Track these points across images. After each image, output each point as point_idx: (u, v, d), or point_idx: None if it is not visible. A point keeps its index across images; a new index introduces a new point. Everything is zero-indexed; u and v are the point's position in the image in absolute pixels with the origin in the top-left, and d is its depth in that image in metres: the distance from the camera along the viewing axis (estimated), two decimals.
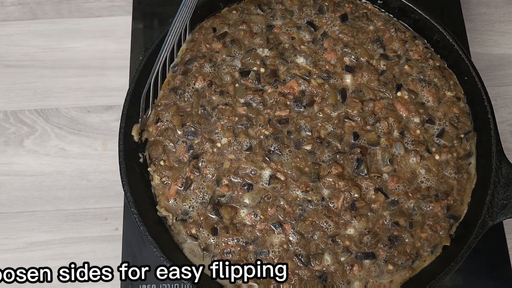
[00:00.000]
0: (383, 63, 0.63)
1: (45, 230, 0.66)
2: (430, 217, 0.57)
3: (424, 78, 0.62)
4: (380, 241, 0.55)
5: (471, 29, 0.76)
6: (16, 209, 0.67)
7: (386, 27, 0.65)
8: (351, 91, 0.62)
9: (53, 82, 0.74)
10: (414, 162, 0.58)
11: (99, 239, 0.65)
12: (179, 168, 0.59)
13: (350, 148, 0.59)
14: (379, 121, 0.60)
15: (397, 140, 0.59)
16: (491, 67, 0.74)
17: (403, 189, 0.57)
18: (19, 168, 0.69)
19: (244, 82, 0.62)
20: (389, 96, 0.62)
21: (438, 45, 0.64)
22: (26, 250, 0.65)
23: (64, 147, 0.70)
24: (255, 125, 0.60)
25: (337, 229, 0.56)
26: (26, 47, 0.76)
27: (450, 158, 0.59)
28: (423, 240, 0.56)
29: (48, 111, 0.72)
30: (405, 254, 0.55)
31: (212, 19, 0.67)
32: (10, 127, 0.71)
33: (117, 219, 0.66)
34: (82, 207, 0.67)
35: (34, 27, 0.77)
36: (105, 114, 0.72)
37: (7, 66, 0.75)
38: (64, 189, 0.68)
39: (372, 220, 0.56)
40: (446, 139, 0.60)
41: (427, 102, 0.62)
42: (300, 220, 0.56)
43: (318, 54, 0.64)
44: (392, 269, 0.55)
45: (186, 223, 0.57)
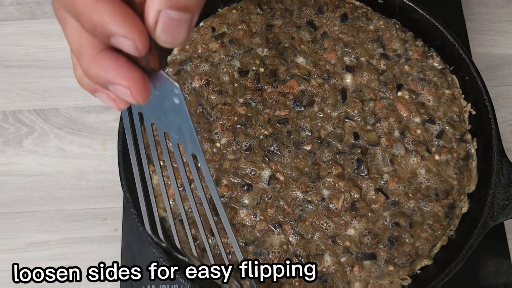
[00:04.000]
0: (383, 63, 0.63)
1: (45, 230, 0.66)
2: (430, 217, 0.56)
3: (424, 77, 0.62)
4: (381, 242, 0.55)
5: (471, 28, 0.75)
6: (16, 209, 0.67)
7: (386, 26, 0.65)
8: (351, 91, 0.62)
9: (52, 82, 0.74)
10: (414, 162, 0.58)
11: (99, 240, 0.65)
12: (178, 168, 0.58)
13: (350, 148, 0.59)
14: (380, 121, 0.60)
15: (398, 140, 0.59)
16: (492, 67, 0.73)
17: (403, 190, 0.57)
18: (19, 168, 0.69)
19: (244, 81, 0.62)
20: (390, 96, 0.61)
21: (439, 44, 0.64)
22: (25, 250, 0.65)
23: (64, 147, 0.70)
24: (254, 125, 0.60)
25: (337, 230, 0.56)
26: (25, 47, 0.76)
27: (450, 158, 0.59)
28: (423, 240, 0.56)
29: (47, 111, 0.72)
30: (405, 254, 0.55)
31: (211, 19, 0.66)
32: (9, 127, 0.71)
33: (116, 220, 0.66)
34: (82, 207, 0.67)
35: (33, 27, 0.77)
36: (105, 114, 0.72)
37: (6, 66, 0.75)
38: (64, 189, 0.68)
39: (372, 221, 0.56)
40: (444, 140, 0.59)
41: (428, 102, 0.61)
42: (300, 221, 0.56)
43: (318, 54, 0.63)
44: (392, 270, 0.55)
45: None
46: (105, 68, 0.29)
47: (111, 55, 0.29)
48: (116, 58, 0.29)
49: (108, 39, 0.27)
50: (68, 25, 0.30)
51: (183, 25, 0.28)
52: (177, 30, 0.28)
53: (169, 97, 0.33)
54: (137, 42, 0.27)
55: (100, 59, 0.29)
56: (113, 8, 0.26)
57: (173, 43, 0.29)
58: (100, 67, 0.29)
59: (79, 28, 0.29)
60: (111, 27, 0.27)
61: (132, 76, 0.29)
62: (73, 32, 0.29)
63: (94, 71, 0.29)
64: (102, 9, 0.26)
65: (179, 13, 0.27)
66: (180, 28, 0.28)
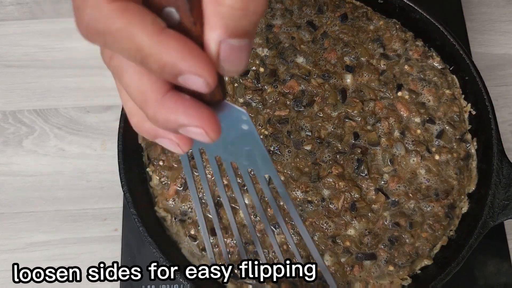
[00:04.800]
0: (383, 63, 0.63)
1: (44, 230, 0.66)
2: (430, 217, 0.56)
3: (424, 77, 0.62)
4: (381, 242, 0.55)
5: (471, 28, 0.75)
6: (15, 209, 0.67)
7: (386, 26, 0.65)
8: (351, 91, 0.62)
9: (52, 82, 0.73)
10: (414, 162, 0.58)
11: (98, 240, 0.65)
12: (178, 168, 0.58)
13: (350, 148, 0.59)
14: (380, 121, 0.60)
15: (398, 140, 0.59)
16: (492, 67, 0.73)
17: (403, 190, 0.57)
18: (19, 168, 0.69)
19: (243, 81, 0.62)
20: (390, 96, 0.61)
21: (439, 44, 0.64)
22: (25, 250, 0.65)
23: (63, 147, 0.70)
24: (254, 124, 0.60)
25: (337, 230, 0.56)
26: (25, 47, 0.76)
27: (450, 158, 0.59)
28: (423, 240, 0.56)
29: (47, 111, 0.72)
30: (406, 254, 0.55)
31: None
32: (9, 127, 0.71)
33: (116, 220, 0.65)
34: (81, 207, 0.67)
35: (33, 27, 0.77)
36: (105, 114, 0.71)
37: (6, 66, 0.75)
38: (63, 190, 0.68)
39: (372, 221, 0.56)
40: (445, 140, 0.59)
41: (428, 102, 0.61)
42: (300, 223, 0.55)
43: (318, 53, 0.63)
44: (392, 270, 0.55)
45: (185, 224, 0.56)
46: (174, 111, 0.27)
47: (176, 96, 0.27)
48: (182, 98, 0.28)
49: (175, 78, 0.26)
50: (126, 72, 0.28)
51: (244, 51, 0.27)
52: (240, 57, 0.27)
53: (236, 125, 0.32)
54: (208, 78, 0.26)
55: (167, 102, 0.27)
56: (181, 45, 0.25)
57: (237, 71, 0.28)
58: (169, 111, 0.27)
59: (140, 74, 0.27)
60: (182, 65, 0.25)
61: (203, 114, 0.28)
62: (134, 79, 0.28)
63: (164, 116, 0.27)
64: (171, 47, 0.25)
65: (240, 39, 0.26)
66: (242, 54, 0.27)
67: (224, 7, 0.25)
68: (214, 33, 0.26)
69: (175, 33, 0.25)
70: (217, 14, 0.25)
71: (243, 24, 0.26)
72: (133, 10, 0.25)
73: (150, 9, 0.26)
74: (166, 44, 0.25)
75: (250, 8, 0.25)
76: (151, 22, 0.25)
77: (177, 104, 0.27)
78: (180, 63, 0.25)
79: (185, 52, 0.25)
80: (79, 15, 0.25)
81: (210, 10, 0.25)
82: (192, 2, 0.25)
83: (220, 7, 0.25)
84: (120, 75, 0.28)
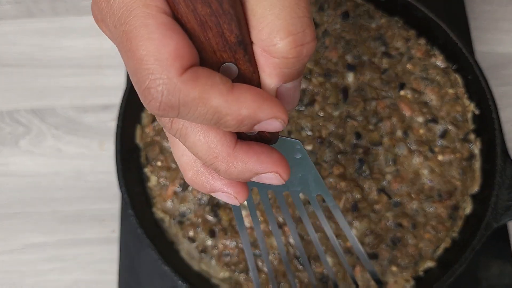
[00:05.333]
0: (386, 61, 0.62)
1: (41, 231, 0.65)
2: (433, 218, 0.56)
3: (427, 76, 0.61)
4: (383, 242, 0.54)
5: (475, 27, 0.75)
6: (12, 210, 0.66)
7: (389, 24, 0.64)
8: (353, 90, 0.61)
9: (49, 81, 0.73)
10: (417, 162, 0.57)
11: (96, 241, 0.64)
12: (176, 168, 0.58)
13: (352, 148, 0.58)
14: (382, 120, 0.59)
15: (400, 140, 0.58)
16: (496, 66, 0.73)
17: (406, 190, 0.56)
18: (16, 169, 0.68)
19: None
20: (392, 95, 0.61)
21: (442, 43, 0.63)
22: (21, 252, 0.64)
23: (61, 148, 0.69)
24: None
25: (338, 230, 0.55)
26: (22, 46, 0.75)
27: (453, 159, 0.58)
28: (426, 241, 0.55)
29: (44, 111, 0.71)
30: (408, 255, 0.54)
31: None
32: (5, 127, 0.70)
33: (114, 221, 0.65)
34: (79, 208, 0.66)
35: (30, 25, 0.76)
36: (102, 113, 0.71)
37: (3, 65, 0.74)
38: (61, 190, 0.67)
39: (374, 221, 0.55)
40: (448, 140, 0.59)
41: (430, 101, 0.61)
42: (301, 222, 0.55)
43: (319, 52, 0.63)
44: (395, 270, 0.54)
45: (184, 225, 0.56)
46: (248, 161, 0.28)
47: (246, 146, 0.28)
48: (251, 147, 0.28)
49: (252, 127, 0.26)
50: (191, 133, 0.27)
51: (298, 89, 0.28)
52: (295, 95, 0.29)
53: (290, 155, 0.32)
54: (284, 117, 0.27)
55: (239, 154, 0.28)
56: (255, 96, 0.26)
57: (293, 107, 0.29)
58: (243, 161, 0.28)
59: (206, 131, 0.27)
60: (261, 114, 0.26)
61: (275, 159, 0.29)
62: (200, 138, 0.27)
63: (239, 168, 0.28)
64: (248, 101, 0.25)
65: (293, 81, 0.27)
66: (296, 92, 0.29)
67: (277, 58, 0.25)
68: (271, 80, 0.26)
69: (243, 86, 0.26)
70: (271, 65, 0.26)
71: (297, 68, 0.26)
72: (202, 75, 0.25)
73: (210, 67, 0.26)
74: (243, 100, 0.25)
75: (303, 53, 0.25)
76: (220, 82, 0.25)
77: (249, 154, 0.28)
78: (259, 113, 0.26)
79: (260, 101, 0.26)
80: (149, 94, 0.25)
81: (263, 60, 0.26)
82: (249, 53, 0.26)
83: (273, 59, 0.25)
84: (184, 137, 0.28)
